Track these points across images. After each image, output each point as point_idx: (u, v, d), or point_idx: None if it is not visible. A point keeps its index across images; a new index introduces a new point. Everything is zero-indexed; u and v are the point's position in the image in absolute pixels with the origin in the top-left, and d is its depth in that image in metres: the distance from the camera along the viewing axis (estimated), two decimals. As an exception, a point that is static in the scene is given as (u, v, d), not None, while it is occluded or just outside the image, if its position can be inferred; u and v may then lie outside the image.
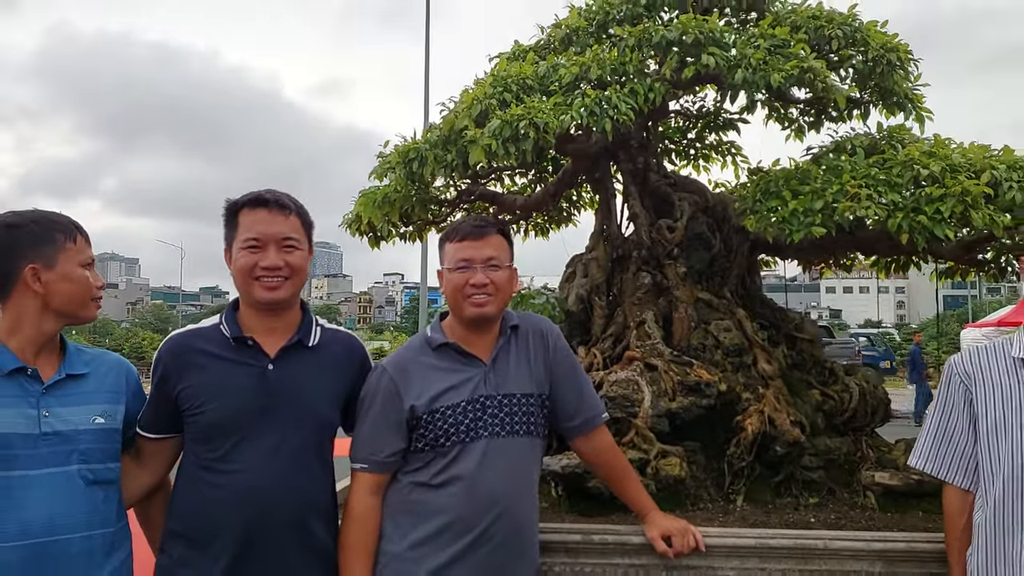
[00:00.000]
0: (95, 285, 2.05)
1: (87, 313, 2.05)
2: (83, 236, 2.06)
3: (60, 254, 1.98)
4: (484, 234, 2.20)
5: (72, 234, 2.02)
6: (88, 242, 2.08)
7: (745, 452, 2.94)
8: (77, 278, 2.00)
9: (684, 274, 3.41)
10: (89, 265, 2.05)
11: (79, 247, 2.03)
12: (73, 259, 2.00)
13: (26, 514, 1.84)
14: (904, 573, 2.33)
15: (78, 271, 2.00)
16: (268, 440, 2.05)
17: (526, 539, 2.17)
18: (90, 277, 2.03)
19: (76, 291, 2.00)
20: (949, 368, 2.16)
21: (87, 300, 2.03)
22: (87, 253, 2.05)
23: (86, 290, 2.02)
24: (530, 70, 3.04)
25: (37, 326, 1.98)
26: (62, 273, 1.98)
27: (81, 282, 2.01)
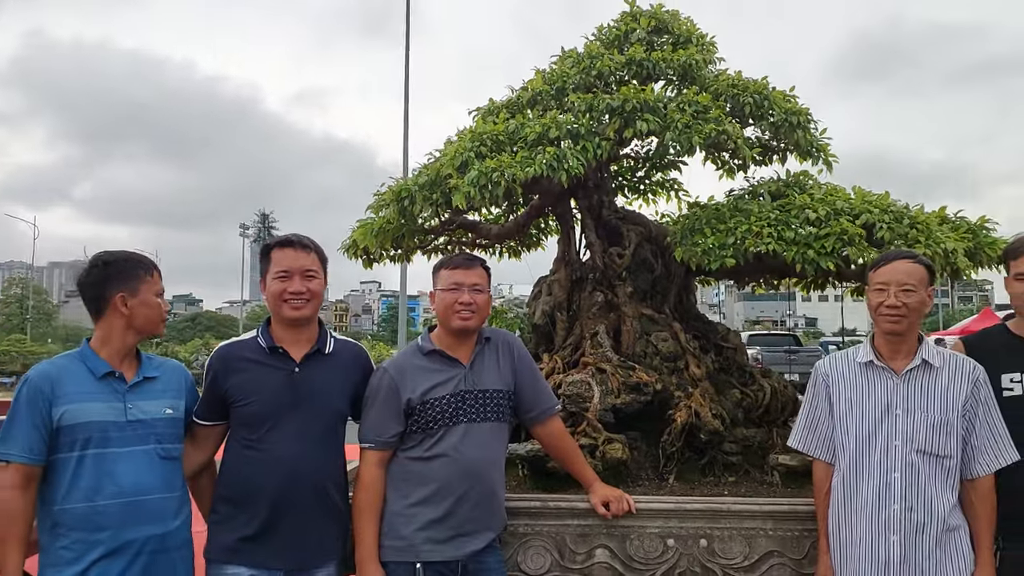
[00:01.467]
0: (165, 309, 2.68)
1: (158, 330, 2.69)
2: (157, 272, 2.68)
3: (142, 285, 2.61)
4: (472, 266, 2.87)
5: (150, 270, 2.66)
6: (160, 276, 2.69)
7: (676, 439, 3.60)
8: (153, 304, 2.63)
9: (631, 293, 4.08)
10: (161, 294, 2.67)
11: (154, 280, 2.65)
12: (151, 289, 2.63)
13: (120, 479, 2.46)
14: (788, 529, 2.98)
15: (154, 299, 2.64)
16: (295, 426, 2.67)
17: (496, 500, 2.81)
18: (162, 303, 2.67)
19: (152, 314, 2.63)
20: (816, 371, 2.84)
21: (159, 321, 2.66)
22: (159, 285, 2.67)
23: (159, 313, 2.65)
24: (501, 127, 3.70)
25: (123, 340, 2.61)
26: (142, 300, 2.61)
27: (156, 307, 2.64)
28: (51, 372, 2.51)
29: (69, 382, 2.49)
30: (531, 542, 3.03)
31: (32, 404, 2.44)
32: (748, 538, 2.99)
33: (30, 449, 2.42)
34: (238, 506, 2.65)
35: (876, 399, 2.66)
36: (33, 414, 2.43)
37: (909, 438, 2.60)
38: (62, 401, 2.45)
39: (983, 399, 2.64)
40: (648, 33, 4.14)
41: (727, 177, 4.42)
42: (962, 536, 2.60)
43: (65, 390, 2.47)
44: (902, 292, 2.62)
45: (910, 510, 2.57)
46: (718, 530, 3.01)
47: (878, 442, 2.63)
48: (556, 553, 3.02)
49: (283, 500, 2.62)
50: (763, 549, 2.99)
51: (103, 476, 2.45)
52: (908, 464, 2.59)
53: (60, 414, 2.44)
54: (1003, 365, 2.80)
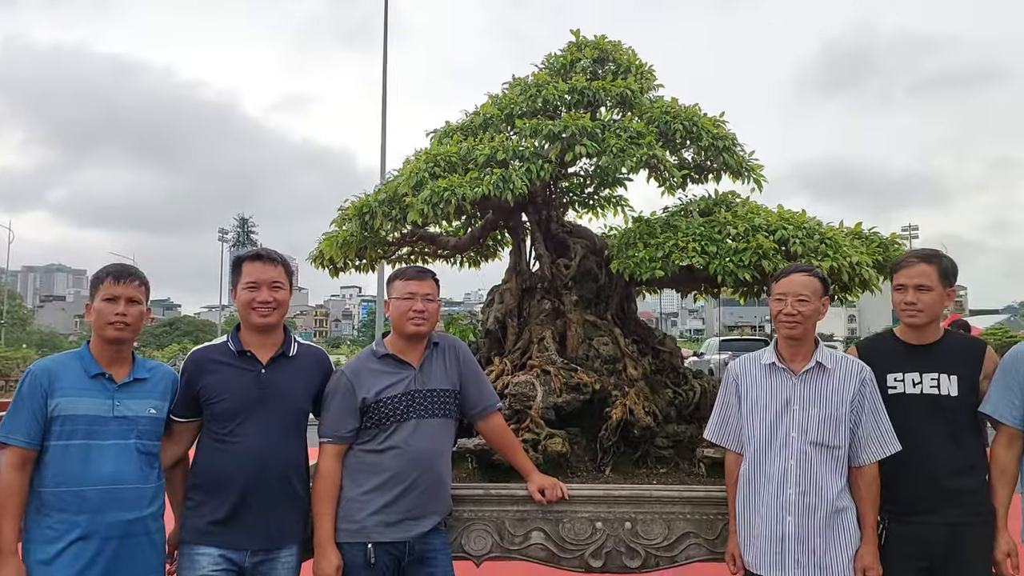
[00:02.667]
0: (111, 313, 2.84)
1: (104, 333, 2.86)
2: (112, 277, 2.87)
3: (97, 292, 2.89)
4: (424, 277, 3.19)
5: (105, 277, 2.89)
6: (116, 281, 2.86)
7: (612, 434, 3.95)
8: (98, 310, 2.86)
9: (576, 301, 4.43)
10: (111, 299, 2.84)
11: (106, 286, 2.87)
12: (100, 295, 2.87)
13: (102, 468, 2.76)
14: (703, 513, 3.32)
15: (99, 304, 2.86)
16: (262, 421, 2.95)
17: (442, 488, 3.12)
18: (107, 307, 2.83)
19: (96, 319, 2.87)
20: (728, 371, 3.19)
21: (102, 324, 2.85)
22: (111, 290, 2.85)
23: (100, 317, 2.85)
24: (454, 149, 4.04)
25: (97, 344, 2.91)
26: (95, 307, 2.88)
27: (99, 311, 2.85)
28: (51, 367, 2.82)
29: (65, 377, 2.79)
30: (474, 526, 3.36)
31: (32, 395, 2.75)
32: (668, 521, 3.34)
33: (28, 434, 2.72)
34: (210, 493, 2.94)
35: (777, 396, 2.99)
36: (33, 403, 2.74)
37: (804, 430, 2.93)
38: (57, 394, 2.75)
39: (869, 396, 2.97)
40: (592, 62, 4.50)
41: (668, 194, 4.78)
42: (849, 517, 2.93)
43: (61, 384, 2.77)
44: (798, 302, 2.98)
45: (803, 494, 2.90)
46: (642, 514, 3.35)
47: (778, 434, 2.96)
48: (497, 536, 3.35)
49: (250, 488, 2.90)
50: (681, 530, 3.33)
51: (87, 464, 2.74)
52: (803, 453, 2.92)
53: (55, 405, 2.74)
54: (889, 366, 3.16)
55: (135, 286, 2.92)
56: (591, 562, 3.29)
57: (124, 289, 2.88)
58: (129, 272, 2.95)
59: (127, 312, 2.87)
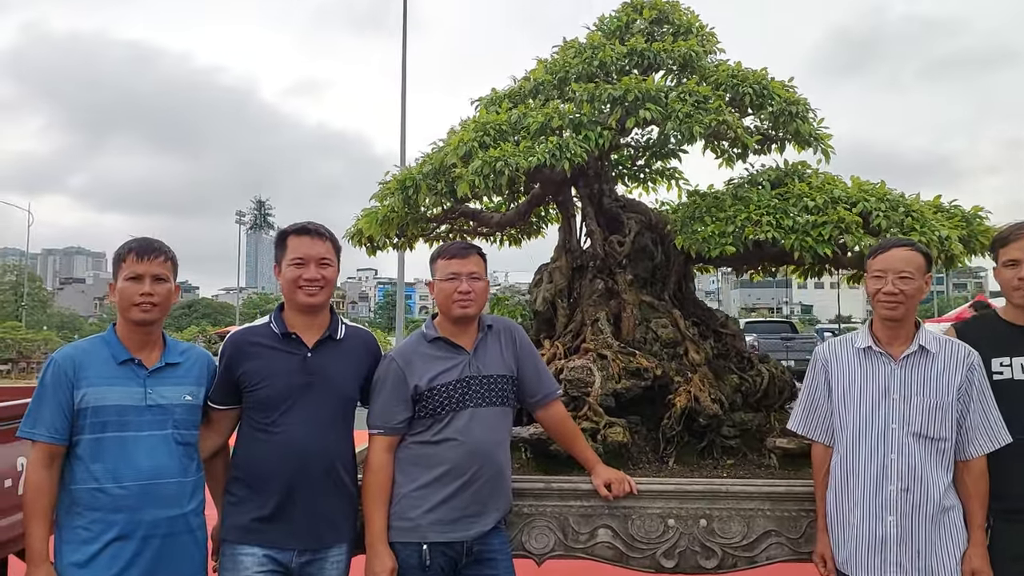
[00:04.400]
0: (136, 293, 2.59)
1: (129, 316, 2.61)
2: (135, 254, 2.61)
3: (119, 272, 2.63)
4: (468, 254, 2.93)
5: (126, 255, 2.62)
6: (140, 258, 2.61)
7: (675, 423, 3.68)
8: (122, 290, 2.60)
9: (631, 281, 4.15)
10: (135, 278, 2.59)
11: (129, 263, 2.61)
12: (122, 275, 2.61)
13: (138, 462, 2.53)
14: (785, 510, 3.07)
15: (122, 283, 2.60)
16: (307, 409, 2.72)
17: (503, 482, 2.88)
18: (129, 287, 2.58)
19: (119, 300, 2.61)
20: (815, 355, 2.92)
21: (127, 306, 2.60)
22: (135, 268, 2.60)
23: (124, 299, 2.59)
24: (504, 117, 3.75)
25: (124, 327, 2.66)
26: (118, 287, 2.62)
27: (121, 292, 2.60)
28: (75, 355, 2.57)
29: (91, 366, 2.55)
30: (535, 522, 3.11)
31: (56, 386, 2.51)
32: (747, 518, 3.08)
33: (54, 429, 2.48)
34: (252, 488, 2.71)
35: (874, 384, 2.73)
36: (57, 395, 2.50)
37: (906, 421, 2.67)
38: (83, 384, 2.51)
39: (977, 383, 2.70)
40: (649, 24, 4.19)
41: (726, 166, 4.48)
42: (956, 516, 2.67)
43: (87, 373, 2.53)
44: (899, 279, 2.69)
45: (906, 491, 2.64)
46: (717, 510, 3.09)
47: (875, 425, 2.70)
48: (560, 533, 3.10)
49: (296, 482, 2.68)
50: (761, 528, 3.07)
51: (121, 459, 2.51)
52: (904, 446, 2.66)
53: (81, 396, 2.50)
54: (994, 350, 2.87)
55: (160, 262, 2.66)
56: (663, 562, 3.04)
57: (149, 266, 2.62)
58: (154, 247, 2.67)
59: (154, 291, 2.61)
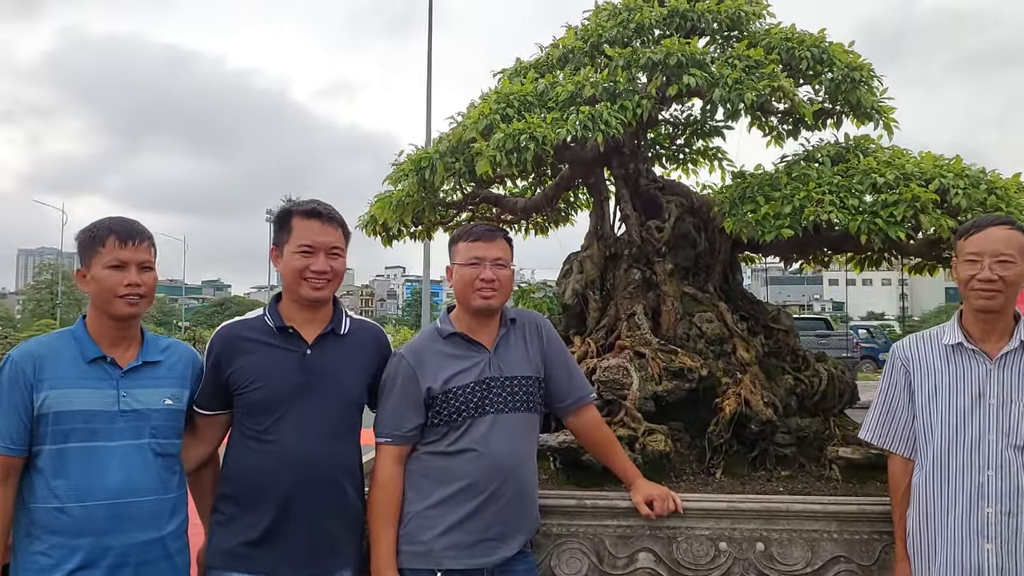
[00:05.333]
0: (120, 283, 2.23)
1: (113, 310, 2.25)
2: (117, 238, 2.24)
3: (93, 258, 2.24)
4: (493, 237, 2.55)
5: (103, 238, 2.24)
6: (123, 243, 2.24)
7: (724, 430, 3.27)
8: (99, 279, 2.23)
9: (671, 270, 3.74)
10: (118, 266, 2.23)
11: (107, 250, 2.23)
12: (100, 261, 2.24)
13: (108, 478, 2.18)
14: (856, 531, 2.66)
15: (101, 272, 2.23)
16: (306, 414, 2.36)
17: (528, 500, 2.51)
18: (113, 276, 2.22)
19: (99, 290, 2.23)
20: (892, 354, 2.50)
21: (110, 298, 2.23)
22: (114, 254, 2.23)
23: (105, 289, 2.22)
24: (530, 87, 3.37)
25: (98, 321, 2.29)
26: (92, 275, 2.24)
27: (101, 282, 2.23)
28: (36, 352, 2.22)
29: (55, 364, 2.20)
30: (566, 544, 2.73)
31: (13, 387, 2.17)
32: (811, 542, 2.67)
33: (9, 438, 2.15)
34: (242, 506, 2.37)
35: (966, 387, 2.33)
36: (13, 398, 2.16)
37: (1005, 432, 2.28)
38: (45, 385, 2.17)
39: None
40: (691, -18, 3.76)
41: (775, 144, 4.05)
42: (1068, 543, 2.26)
43: (49, 373, 2.19)
44: (998, 264, 2.28)
45: (1007, 514, 2.25)
46: (776, 532, 2.69)
47: (968, 436, 2.31)
48: (594, 557, 2.72)
49: (292, 498, 2.33)
50: (828, 554, 2.67)
51: (87, 473, 2.17)
52: (1004, 461, 2.27)
53: (42, 400, 2.16)
54: None
55: (145, 248, 2.31)
56: (714, 592, 2.64)
57: (134, 252, 2.27)
58: (137, 230, 2.31)
59: (141, 281, 2.26)
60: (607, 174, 4.02)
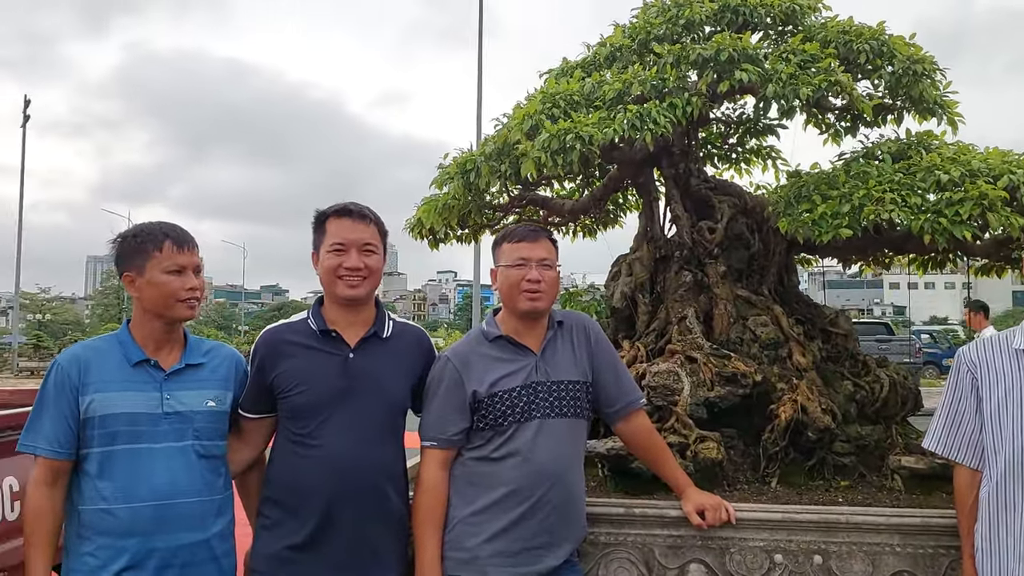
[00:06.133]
0: (182, 288, 2.27)
1: (174, 314, 2.29)
2: (173, 243, 2.28)
3: (148, 262, 2.26)
4: (538, 238, 2.50)
5: (159, 243, 2.27)
6: (180, 248, 2.29)
7: (779, 438, 3.15)
8: (159, 283, 2.25)
9: (724, 272, 3.63)
10: (177, 271, 2.27)
11: (164, 255, 2.26)
12: (158, 266, 2.26)
13: (153, 479, 2.19)
14: (920, 546, 2.53)
15: (161, 277, 2.25)
16: (350, 417, 2.35)
17: (576, 507, 2.45)
18: (174, 281, 2.26)
19: (158, 295, 2.26)
20: (958, 358, 2.37)
21: (171, 303, 2.27)
22: (173, 259, 2.27)
23: (167, 294, 2.26)
24: (576, 86, 3.31)
25: (146, 325, 2.31)
26: (148, 279, 2.26)
27: (162, 287, 2.25)
28: (82, 356, 2.25)
29: (100, 368, 2.23)
30: (614, 553, 2.66)
31: (59, 392, 2.20)
32: (872, 555, 2.55)
33: (57, 442, 2.18)
34: (286, 510, 2.36)
35: None
36: (60, 403, 2.19)
37: None
38: (90, 389, 2.20)
39: None
40: (743, -22, 3.65)
41: (832, 142, 3.91)
42: None
43: (95, 377, 2.21)
44: None
45: None
46: (835, 545, 2.58)
47: None
48: (643, 567, 2.64)
49: (337, 503, 2.32)
50: (891, 568, 2.54)
51: (133, 475, 2.19)
52: None
53: (88, 403, 2.19)
54: None
55: (196, 252, 2.36)
56: (769, 606, 2.54)
57: (190, 257, 2.32)
58: (189, 236, 2.36)
59: (198, 285, 2.32)
60: (656, 174, 3.93)
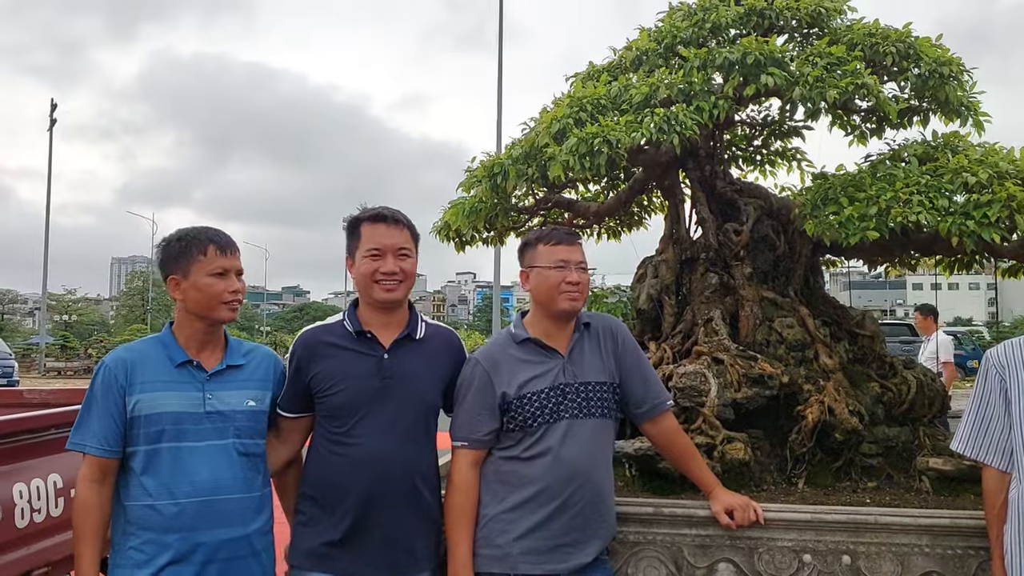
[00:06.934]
0: (226, 290, 2.36)
1: (218, 315, 2.37)
2: (217, 247, 2.37)
3: (192, 266, 2.34)
4: (575, 241, 2.56)
5: (203, 247, 2.35)
6: (223, 252, 2.37)
7: (806, 439, 3.17)
8: (204, 286, 2.34)
9: (750, 274, 3.65)
10: (221, 274, 2.35)
11: (209, 258, 2.35)
12: (203, 270, 2.34)
13: (195, 477, 2.26)
14: (948, 546, 2.54)
15: (205, 280, 2.34)
16: (384, 417, 2.41)
17: (604, 505, 2.48)
18: (218, 284, 2.34)
19: (203, 298, 2.34)
20: (986, 360, 2.38)
21: (216, 304, 2.35)
22: (217, 262, 2.35)
23: (211, 296, 2.34)
24: (603, 90, 3.34)
25: (189, 327, 2.39)
26: (193, 283, 2.34)
27: (206, 290, 2.34)
28: (128, 358, 2.33)
29: (145, 369, 2.31)
30: (643, 552, 2.69)
31: (107, 392, 2.28)
32: (900, 556, 2.56)
33: (105, 440, 2.26)
34: (323, 507, 2.43)
35: None
36: (108, 403, 2.27)
37: None
38: (136, 389, 2.28)
39: None
40: (768, -20, 3.67)
41: (858, 143, 3.91)
42: None
43: (140, 378, 2.29)
44: None
45: None
46: (863, 545, 2.59)
47: None
48: (672, 565, 2.67)
49: (372, 500, 2.38)
50: (919, 569, 2.55)
51: (177, 472, 2.27)
52: None
53: (134, 403, 2.27)
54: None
55: (238, 256, 2.44)
56: (797, 605, 2.56)
57: (233, 261, 2.40)
58: (231, 240, 2.46)
59: (240, 288, 2.40)
60: (682, 177, 3.95)
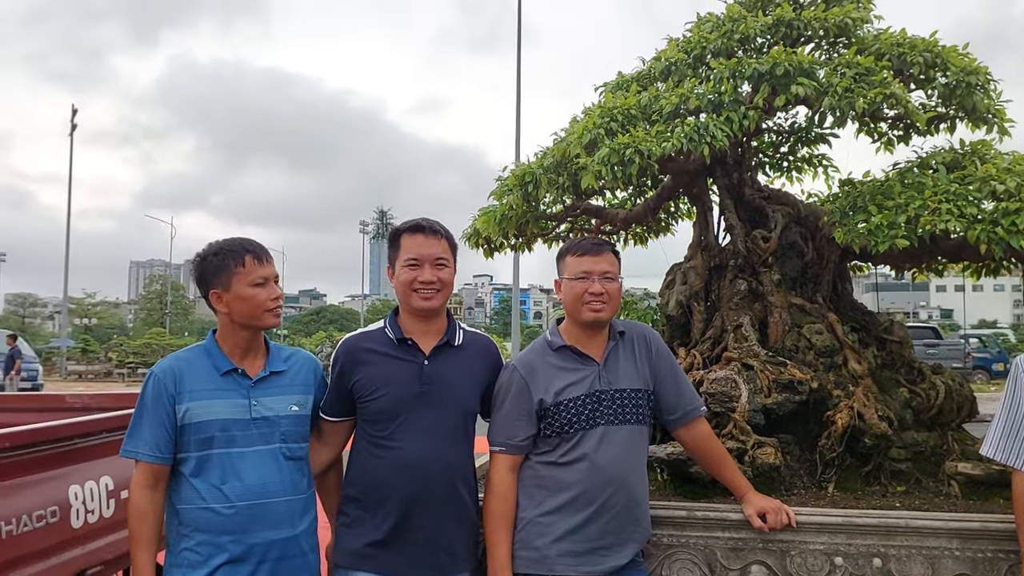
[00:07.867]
0: (268, 298, 2.45)
1: (263, 323, 2.47)
2: (253, 257, 2.45)
3: (232, 278, 2.43)
4: (601, 251, 2.61)
5: (240, 259, 2.44)
6: (260, 261, 2.46)
7: (836, 444, 3.21)
8: (247, 296, 2.42)
9: (778, 281, 3.70)
10: (261, 282, 2.44)
11: (248, 269, 2.43)
12: (244, 280, 2.43)
13: (246, 480, 2.35)
14: (978, 550, 2.57)
15: (247, 290, 2.42)
16: (425, 421, 2.48)
17: (639, 510, 2.54)
18: (261, 293, 2.43)
19: (247, 308, 2.43)
20: (1016, 365, 2.42)
21: (260, 313, 2.44)
22: (257, 272, 2.44)
23: (256, 306, 2.43)
24: (633, 101, 3.41)
25: (233, 336, 2.48)
26: (235, 294, 2.42)
27: (250, 300, 2.42)
28: (176, 368, 2.42)
29: (193, 378, 2.40)
30: (677, 555, 2.75)
31: (157, 401, 2.37)
32: (931, 559, 2.60)
33: (156, 447, 2.35)
34: (366, 508, 2.50)
35: None
36: (159, 411, 2.36)
37: None
38: (185, 398, 2.37)
39: None
40: (796, -10, 3.73)
41: (885, 150, 3.95)
42: None
43: (189, 387, 2.38)
44: None
45: None
46: (894, 548, 2.63)
47: None
48: (706, 568, 2.72)
49: (414, 502, 2.45)
50: (950, 572, 2.59)
51: (227, 477, 2.35)
52: None
53: (184, 411, 2.36)
54: None
55: (273, 262, 2.55)
56: (829, 607, 2.60)
57: (269, 268, 2.49)
58: (264, 248, 2.54)
59: (280, 294, 2.49)
60: (710, 184, 4.01)
